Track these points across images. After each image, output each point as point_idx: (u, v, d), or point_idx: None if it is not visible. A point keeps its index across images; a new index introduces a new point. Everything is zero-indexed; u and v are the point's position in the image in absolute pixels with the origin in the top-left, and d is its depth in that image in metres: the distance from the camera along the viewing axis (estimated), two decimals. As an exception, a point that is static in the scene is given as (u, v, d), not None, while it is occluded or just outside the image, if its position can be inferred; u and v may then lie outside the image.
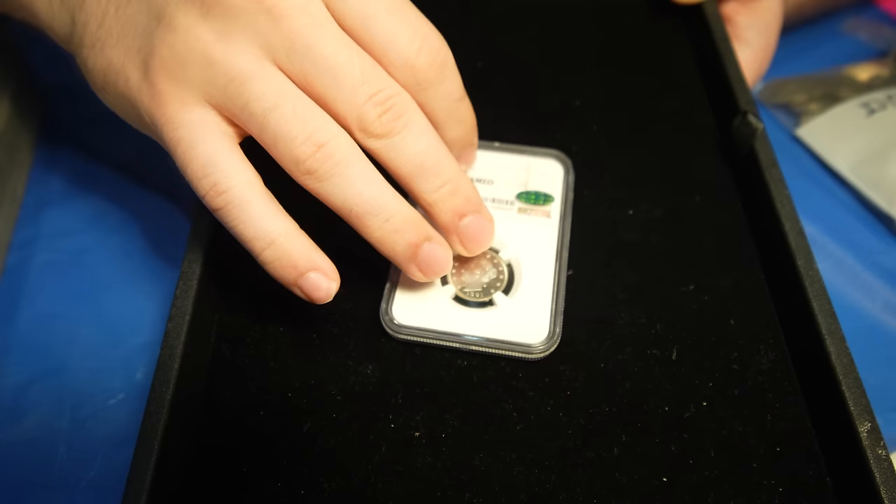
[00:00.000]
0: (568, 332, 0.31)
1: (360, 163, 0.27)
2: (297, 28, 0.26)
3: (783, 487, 0.27)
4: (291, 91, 0.27)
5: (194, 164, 0.27)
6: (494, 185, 0.35)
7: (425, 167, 0.28)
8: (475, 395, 0.29)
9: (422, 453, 0.28)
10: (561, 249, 0.33)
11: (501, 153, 0.36)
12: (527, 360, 0.30)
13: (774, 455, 0.28)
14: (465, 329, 0.30)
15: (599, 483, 0.27)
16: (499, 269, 0.32)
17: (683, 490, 0.27)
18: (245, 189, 0.27)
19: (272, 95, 0.26)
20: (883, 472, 0.26)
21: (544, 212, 0.34)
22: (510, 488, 0.27)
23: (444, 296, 0.31)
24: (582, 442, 0.28)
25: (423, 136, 0.28)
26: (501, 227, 0.33)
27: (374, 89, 0.27)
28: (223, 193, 0.27)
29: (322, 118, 0.27)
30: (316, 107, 0.27)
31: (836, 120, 0.48)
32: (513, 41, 0.43)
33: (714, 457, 0.28)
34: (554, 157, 0.36)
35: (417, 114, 0.28)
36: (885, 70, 0.52)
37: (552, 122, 0.39)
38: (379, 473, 0.28)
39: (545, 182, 0.35)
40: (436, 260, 0.29)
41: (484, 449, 0.28)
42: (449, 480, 0.27)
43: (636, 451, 0.28)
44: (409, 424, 0.29)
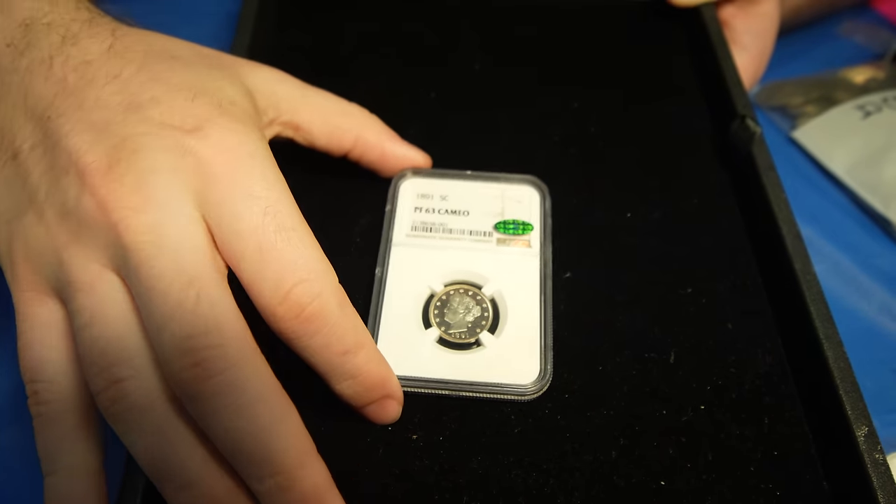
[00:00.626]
0: (566, 335, 0.31)
1: (158, 413, 0.24)
2: (137, 244, 0.24)
3: (781, 491, 0.27)
4: (112, 310, 0.24)
5: (23, 363, 0.26)
6: (470, 217, 0.34)
7: (243, 451, 0.23)
8: (472, 397, 0.29)
9: (419, 456, 0.28)
10: (545, 280, 0.32)
11: (474, 182, 0.35)
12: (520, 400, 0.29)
13: (772, 459, 0.28)
14: (452, 374, 0.29)
15: (597, 487, 0.27)
16: (483, 306, 0.31)
17: (681, 494, 0.27)
18: (61, 406, 0.25)
19: (87, 313, 0.24)
20: (880, 475, 0.26)
21: (524, 241, 0.33)
22: (508, 492, 0.27)
23: (427, 340, 0.30)
24: (580, 445, 0.28)
25: (245, 409, 0.23)
26: (482, 262, 0.32)
27: (189, 330, 0.23)
28: (40, 405, 0.25)
29: (129, 350, 0.24)
30: (131, 332, 0.24)
31: (833, 122, 0.48)
32: (508, 44, 0.43)
33: (712, 461, 0.28)
34: (529, 182, 0.35)
35: (245, 376, 0.23)
36: (880, 73, 0.52)
37: (550, 125, 0.39)
38: (376, 476, 0.27)
39: (522, 209, 0.34)
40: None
41: (481, 452, 0.28)
42: (446, 483, 0.27)
43: (634, 455, 0.28)
44: (407, 427, 0.28)
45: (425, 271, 0.32)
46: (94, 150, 0.25)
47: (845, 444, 0.27)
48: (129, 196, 0.24)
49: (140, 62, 0.28)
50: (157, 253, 0.24)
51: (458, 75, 0.41)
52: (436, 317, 0.31)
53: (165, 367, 0.23)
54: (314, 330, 0.25)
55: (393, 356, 0.29)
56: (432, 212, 0.34)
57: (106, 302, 0.25)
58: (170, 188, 0.25)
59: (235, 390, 0.23)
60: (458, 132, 0.39)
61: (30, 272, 0.26)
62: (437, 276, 0.32)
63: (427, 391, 0.29)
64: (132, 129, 0.25)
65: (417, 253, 0.33)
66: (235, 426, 0.23)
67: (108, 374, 0.24)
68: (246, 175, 0.26)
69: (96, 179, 0.25)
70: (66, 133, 0.26)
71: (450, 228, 0.33)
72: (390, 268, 0.32)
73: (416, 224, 0.33)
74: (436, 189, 0.35)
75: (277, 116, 0.32)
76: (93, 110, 0.26)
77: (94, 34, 0.28)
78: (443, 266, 0.32)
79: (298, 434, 0.24)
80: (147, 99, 0.26)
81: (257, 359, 0.24)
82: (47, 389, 0.25)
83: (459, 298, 0.31)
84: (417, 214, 0.34)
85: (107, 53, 0.28)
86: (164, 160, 0.25)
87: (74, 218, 0.25)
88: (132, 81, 0.27)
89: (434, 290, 0.31)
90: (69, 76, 0.27)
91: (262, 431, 0.23)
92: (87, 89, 0.26)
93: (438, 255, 0.32)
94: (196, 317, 0.23)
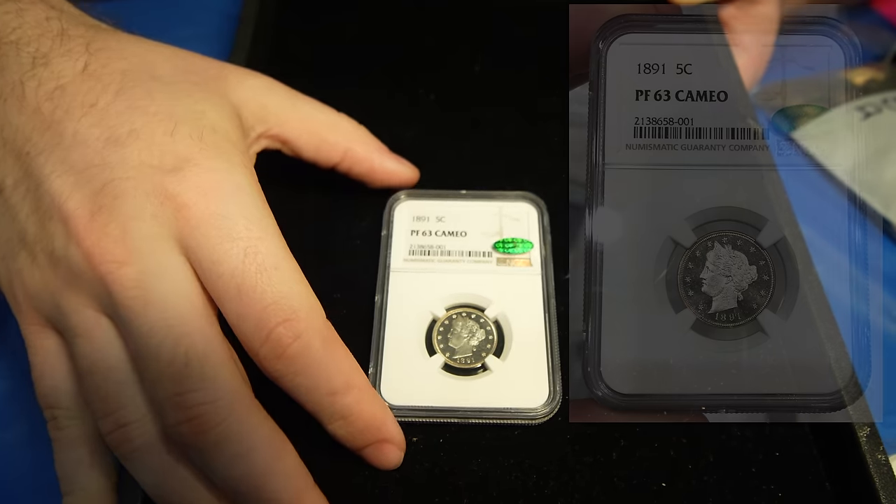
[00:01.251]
0: (564, 335, 0.31)
1: (163, 454, 0.25)
2: (125, 300, 0.24)
3: (782, 492, 0.27)
4: (110, 358, 0.25)
5: (39, 391, 0.26)
6: (468, 237, 0.33)
7: (240, 493, 0.24)
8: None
9: (419, 459, 0.28)
10: (548, 299, 0.31)
11: (470, 201, 0.34)
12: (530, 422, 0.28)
13: (773, 459, 0.28)
14: (459, 402, 0.28)
15: (598, 488, 0.27)
16: (487, 329, 0.30)
17: (682, 495, 0.27)
18: (79, 430, 0.26)
19: (87, 361, 0.25)
20: (882, 476, 0.26)
21: (524, 259, 0.32)
22: (508, 494, 0.27)
23: (432, 367, 0.29)
24: (580, 446, 0.28)
25: (240, 457, 0.24)
26: (483, 283, 0.32)
27: (181, 388, 0.23)
28: (59, 430, 0.26)
29: (131, 396, 0.25)
30: (131, 379, 0.25)
31: (833, 123, 0.48)
32: (505, 43, 0.43)
33: (713, 462, 0.28)
34: (526, 199, 0.35)
35: (239, 427, 0.24)
36: (881, 74, 0.52)
37: (550, 126, 0.39)
38: (376, 479, 0.27)
39: (520, 227, 0.33)
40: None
41: (481, 454, 0.28)
42: (446, 486, 0.27)
43: (634, 456, 0.28)
44: (407, 430, 0.28)
45: (426, 296, 0.31)
46: (75, 196, 0.25)
47: (847, 444, 0.27)
48: (114, 248, 0.24)
49: (118, 86, 0.27)
50: (145, 309, 0.24)
51: (456, 77, 0.41)
52: (439, 343, 0.30)
53: (162, 419, 0.24)
54: (297, 370, 0.25)
55: (398, 386, 0.28)
56: (429, 234, 0.33)
57: (104, 349, 0.25)
58: (153, 237, 0.25)
59: (231, 442, 0.24)
60: (456, 135, 0.38)
61: (31, 309, 0.26)
62: (439, 301, 0.31)
63: (434, 420, 0.28)
64: (111, 173, 0.25)
65: (417, 277, 0.32)
66: (232, 474, 0.24)
67: (112, 419, 0.25)
68: (224, 216, 0.25)
69: (80, 229, 0.25)
70: (47, 175, 0.25)
71: (448, 250, 0.33)
72: (390, 294, 0.31)
73: (413, 248, 0.33)
74: (431, 210, 0.34)
75: (266, 130, 0.31)
76: (71, 148, 0.26)
77: (67, 52, 0.27)
78: (443, 290, 0.31)
79: (295, 471, 0.25)
80: (125, 133, 0.26)
81: (251, 407, 0.25)
82: (65, 416, 0.26)
83: (462, 322, 0.31)
84: (414, 238, 0.33)
85: (81, 75, 0.27)
86: (145, 207, 0.25)
87: (64, 265, 0.25)
88: (110, 111, 0.26)
89: (436, 315, 0.31)
90: (43, 106, 0.26)
91: (259, 475, 0.24)
92: (65, 122, 0.26)
93: (438, 279, 0.32)
94: (187, 375, 0.24)
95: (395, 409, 0.28)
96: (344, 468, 0.27)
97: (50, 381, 0.26)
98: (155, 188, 0.25)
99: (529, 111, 0.40)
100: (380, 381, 0.29)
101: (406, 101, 0.40)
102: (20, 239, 0.26)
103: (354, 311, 0.31)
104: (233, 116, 0.29)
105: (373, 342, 0.30)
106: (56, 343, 0.26)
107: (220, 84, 0.30)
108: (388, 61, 0.42)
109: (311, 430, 0.26)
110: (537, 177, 0.36)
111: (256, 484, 0.24)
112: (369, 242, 0.34)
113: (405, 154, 0.35)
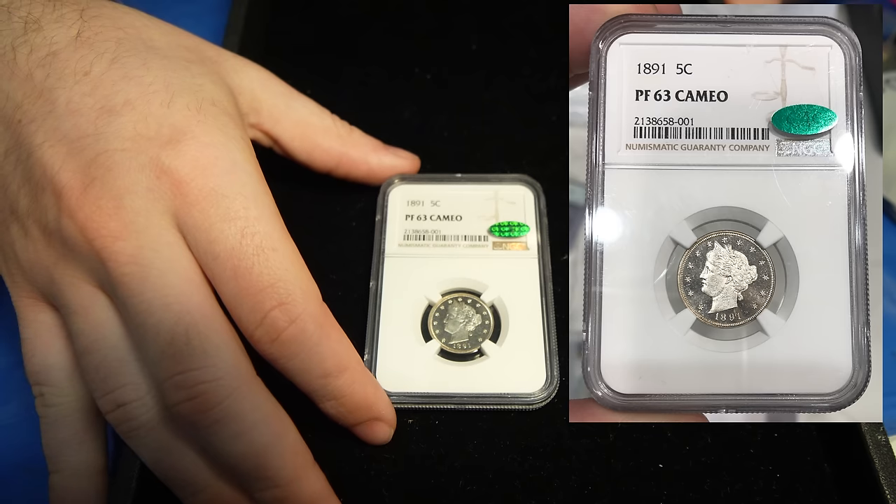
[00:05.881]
0: (562, 318, 0.30)
1: (164, 431, 0.24)
2: (121, 276, 0.24)
3: (781, 473, 0.27)
4: (109, 335, 0.24)
5: (28, 367, 0.26)
6: (464, 221, 0.32)
7: (241, 469, 0.24)
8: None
9: (415, 440, 0.28)
10: (545, 283, 0.31)
11: (465, 185, 0.34)
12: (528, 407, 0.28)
13: (772, 441, 0.28)
14: (456, 387, 0.28)
15: (594, 470, 0.27)
16: (483, 314, 0.30)
17: (679, 476, 0.27)
18: (67, 409, 0.26)
19: (85, 339, 0.24)
20: (882, 457, 0.26)
21: (521, 243, 0.32)
22: (504, 475, 0.27)
23: (428, 353, 0.29)
24: (577, 428, 0.28)
25: (242, 435, 0.24)
26: (479, 268, 0.31)
27: (182, 367, 0.23)
28: (47, 407, 0.26)
29: (130, 374, 0.24)
30: (130, 357, 0.24)
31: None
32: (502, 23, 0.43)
33: (711, 443, 0.28)
34: (522, 181, 0.34)
35: (241, 405, 0.24)
36: (883, 54, 0.51)
37: (546, 107, 0.38)
38: (372, 461, 0.27)
39: (516, 211, 0.33)
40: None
41: (477, 436, 0.28)
42: (442, 468, 0.27)
43: (631, 438, 0.28)
44: (403, 416, 0.28)
45: (421, 281, 0.31)
46: (67, 167, 0.24)
47: (847, 425, 0.27)
48: (108, 222, 0.24)
49: (112, 54, 0.26)
50: (142, 286, 0.23)
51: (453, 56, 0.41)
52: (435, 328, 0.30)
53: (163, 397, 0.24)
54: (292, 353, 0.25)
55: (394, 372, 0.28)
56: (424, 219, 0.33)
57: (102, 326, 0.24)
58: (148, 212, 0.24)
59: (232, 419, 0.23)
60: (451, 115, 0.38)
61: (25, 282, 0.26)
62: (434, 286, 0.31)
63: (431, 407, 0.28)
64: (105, 143, 0.24)
65: (412, 263, 0.31)
66: (233, 451, 0.24)
67: (112, 397, 0.24)
68: (222, 195, 0.25)
69: (73, 201, 0.24)
70: (38, 144, 0.25)
71: (443, 235, 0.32)
72: (385, 280, 0.31)
73: (408, 232, 0.32)
74: (426, 195, 0.34)
75: (258, 123, 0.31)
76: (64, 116, 0.25)
77: (60, 17, 0.26)
78: (439, 275, 0.31)
79: (295, 449, 0.25)
80: (120, 103, 0.25)
81: (253, 384, 0.24)
82: (53, 393, 0.26)
83: (458, 307, 0.30)
84: (409, 222, 0.33)
85: (74, 42, 0.26)
86: (140, 180, 0.24)
87: (58, 238, 0.24)
88: (104, 80, 0.25)
89: (432, 301, 0.30)
90: (35, 72, 0.25)
91: (260, 452, 0.24)
92: (57, 89, 0.25)
93: (434, 264, 0.31)
94: (189, 354, 0.23)
95: (391, 396, 0.28)
96: (344, 448, 0.27)
97: (40, 356, 0.26)
98: (150, 161, 0.24)
99: (526, 92, 0.39)
100: (375, 368, 0.28)
101: (401, 81, 0.39)
102: (12, 210, 0.25)
103: (350, 297, 0.31)
104: (230, 95, 0.29)
105: (368, 329, 0.29)
106: (50, 317, 0.26)
107: (217, 66, 0.29)
108: (384, 40, 0.42)
109: (312, 408, 0.26)
110: (534, 158, 0.36)
111: (257, 462, 0.24)
112: (365, 227, 0.33)
113: (400, 136, 0.35)
